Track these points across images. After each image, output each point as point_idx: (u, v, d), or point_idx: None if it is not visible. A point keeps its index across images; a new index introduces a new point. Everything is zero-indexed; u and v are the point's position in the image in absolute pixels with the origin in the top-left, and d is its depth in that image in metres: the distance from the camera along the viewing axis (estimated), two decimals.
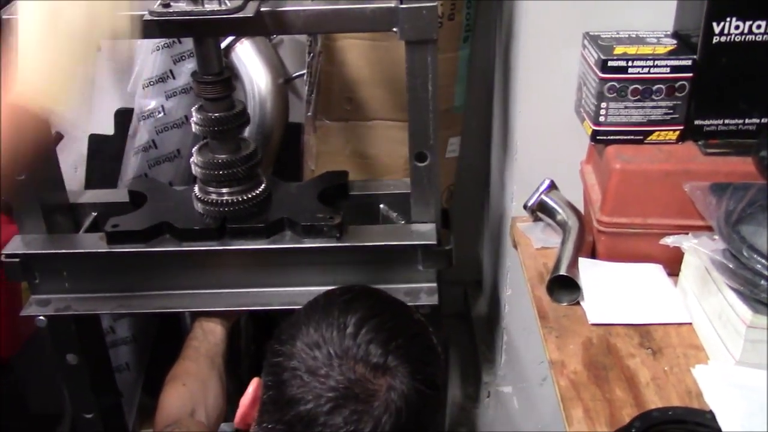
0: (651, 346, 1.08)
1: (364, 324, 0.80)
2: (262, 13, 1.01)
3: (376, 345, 0.79)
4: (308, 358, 0.79)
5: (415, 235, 1.17)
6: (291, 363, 0.80)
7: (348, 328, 0.80)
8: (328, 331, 0.80)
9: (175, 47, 1.54)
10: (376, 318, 0.82)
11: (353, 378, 0.77)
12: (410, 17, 1.00)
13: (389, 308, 0.87)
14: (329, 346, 0.79)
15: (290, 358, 0.80)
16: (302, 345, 0.80)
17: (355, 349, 0.79)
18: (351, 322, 0.81)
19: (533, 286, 1.23)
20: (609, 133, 1.20)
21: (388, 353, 0.79)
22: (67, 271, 1.21)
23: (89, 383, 1.34)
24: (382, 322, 0.82)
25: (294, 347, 0.81)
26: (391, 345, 0.79)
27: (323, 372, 0.78)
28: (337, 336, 0.80)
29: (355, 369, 0.78)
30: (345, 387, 0.77)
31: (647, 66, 1.15)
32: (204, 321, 1.26)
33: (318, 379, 0.78)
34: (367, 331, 0.80)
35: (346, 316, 0.81)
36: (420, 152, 1.11)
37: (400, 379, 0.78)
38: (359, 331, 0.80)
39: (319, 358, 0.79)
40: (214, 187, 1.18)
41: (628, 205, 1.17)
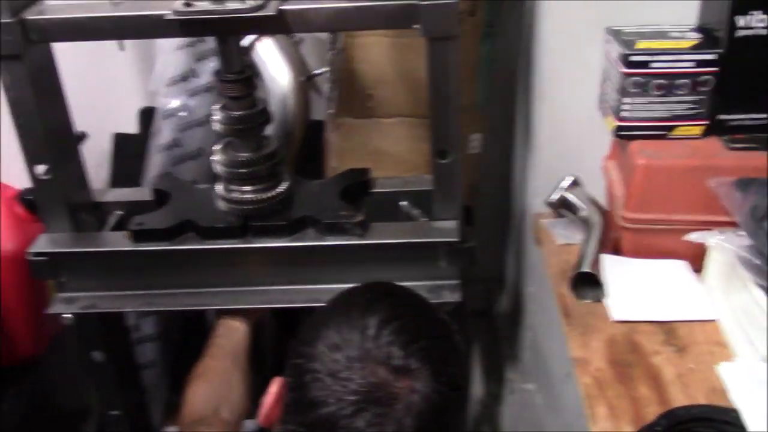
0: (676, 344, 1.07)
1: (385, 326, 0.79)
2: (283, 12, 1.01)
3: (397, 347, 0.78)
4: (329, 361, 0.78)
5: (438, 232, 1.16)
6: (312, 365, 0.79)
7: (369, 330, 0.79)
8: (349, 333, 0.79)
9: (198, 46, 1.55)
10: (398, 319, 0.80)
11: (375, 381, 0.76)
12: (432, 13, 1.00)
13: (411, 309, 0.86)
14: (350, 349, 0.78)
15: (311, 360, 0.79)
16: (323, 347, 0.80)
17: (376, 351, 0.78)
18: (372, 324, 0.79)
19: (556, 283, 1.22)
20: (632, 128, 1.19)
21: (410, 355, 0.78)
22: (93, 269, 1.22)
23: (115, 380, 1.36)
24: (403, 323, 0.80)
25: (315, 349, 0.80)
26: (412, 347, 0.78)
27: (344, 375, 0.77)
28: (358, 338, 0.79)
29: (377, 372, 0.77)
30: (366, 390, 0.76)
31: (671, 60, 1.14)
32: (227, 319, 1.26)
33: (339, 382, 0.77)
34: (389, 333, 0.79)
35: (367, 317, 0.80)
36: (442, 149, 1.11)
37: (422, 382, 0.77)
38: (380, 333, 0.79)
39: (341, 361, 0.78)
40: (237, 186, 1.19)
41: (652, 201, 1.16)
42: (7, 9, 1.03)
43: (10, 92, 1.10)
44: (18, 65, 1.07)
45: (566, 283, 1.19)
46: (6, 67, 1.08)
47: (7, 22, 1.03)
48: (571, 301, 1.17)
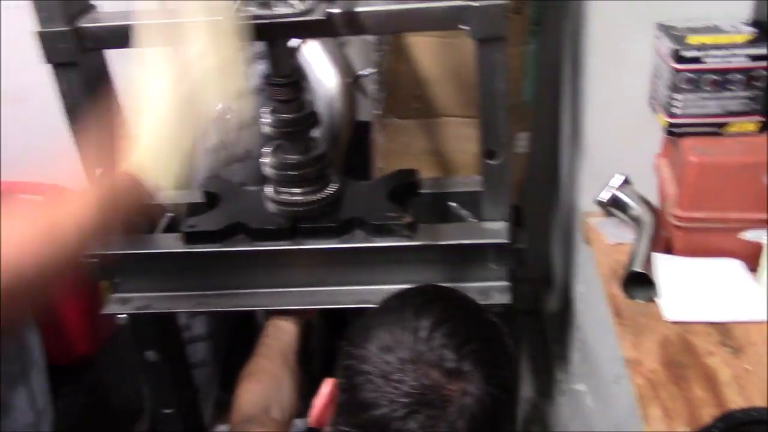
0: (731, 344, 1.05)
1: (437, 328, 0.79)
2: (331, 15, 1.02)
3: (449, 350, 0.78)
4: (381, 362, 0.78)
5: (487, 233, 1.16)
6: (364, 366, 0.79)
7: (421, 332, 0.79)
8: (401, 334, 0.79)
9: (247, 50, 1.56)
10: (450, 322, 0.80)
11: (427, 383, 0.76)
12: (480, 15, 0.99)
13: (463, 311, 0.86)
14: (402, 351, 0.78)
15: (363, 361, 0.80)
16: (375, 348, 0.80)
17: (428, 353, 0.78)
18: (424, 326, 0.79)
19: (607, 282, 1.21)
20: (684, 125, 1.17)
21: (462, 358, 0.78)
22: (146, 270, 1.24)
23: (168, 379, 1.38)
24: (455, 325, 0.80)
25: (367, 350, 0.80)
26: (464, 350, 0.78)
27: (396, 377, 0.77)
28: (410, 340, 0.79)
29: (429, 374, 0.77)
30: (419, 393, 0.76)
31: (724, 55, 1.11)
32: (277, 319, 1.28)
33: (391, 384, 0.77)
34: (441, 335, 0.79)
35: (419, 319, 0.80)
36: (490, 149, 1.10)
37: (475, 384, 0.77)
38: (432, 336, 0.79)
39: (392, 363, 0.78)
40: (286, 188, 1.20)
41: (706, 199, 1.14)
42: (62, 17, 1.06)
43: (66, 98, 1.13)
44: (73, 72, 1.10)
45: (617, 283, 1.17)
46: (61, 74, 1.11)
47: (63, 30, 1.06)
48: (622, 301, 1.16)
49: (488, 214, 1.17)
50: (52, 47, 1.07)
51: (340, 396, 0.83)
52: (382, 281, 1.18)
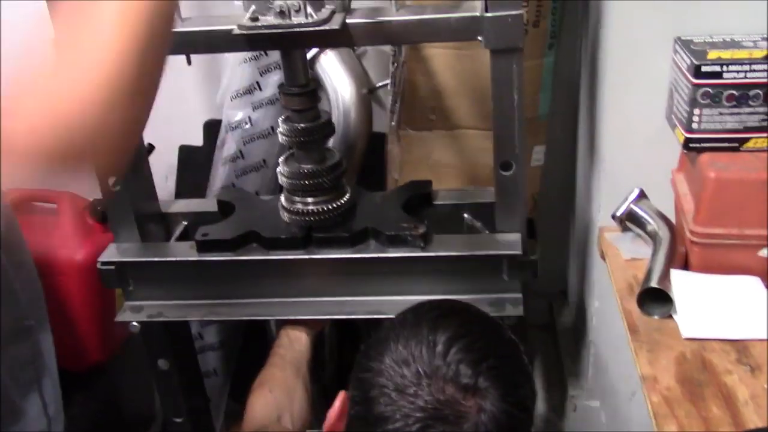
0: (749, 363, 1.04)
1: (454, 343, 0.78)
2: (347, 25, 1.02)
3: (466, 365, 0.77)
4: (396, 376, 0.78)
5: (501, 244, 1.15)
6: (379, 380, 0.79)
7: (437, 347, 0.78)
8: (417, 348, 0.79)
9: (262, 59, 1.57)
10: (467, 337, 0.80)
11: (443, 399, 0.76)
12: (495, 26, 0.99)
13: (480, 327, 0.85)
14: (418, 365, 0.78)
15: (378, 374, 0.79)
16: (390, 361, 0.79)
17: (444, 368, 0.77)
18: (441, 341, 0.79)
19: (623, 298, 1.19)
20: (702, 140, 1.16)
21: (479, 374, 0.77)
22: (159, 278, 1.25)
23: (179, 388, 1.38)
24: (472, 341, 0.80)
25: (382, 363, 0.80)
26: (481, 366, 0.77)
27: (412, 391, 0.76)
28: (426, 354, 0.78)
29: (445, 389, 0.76)
30: (434, 408, 0.75)
31: (743, 71, 1.10)
32: (290, 329, 1.28)
33: (406, 398, 0.76)
34: (458, 350, 0.78)
35: (436, 333, 0.80)
36: (505, 161, 1.10)
37: (491, 401, 0.76)
38: (449, 350, 0.78)
39: (408, 377, 0.77)
40: (300, 197, 1.20)
41: (724, 215, 1.13)
42: None
43: None
44: None
45: (633, 299, 1.16)
46: None
47: None
48: (638, 317, 1.14)
49: (502, 225, 1.17)
50: None
51: (354, 409, 0.83)
52: (395, 292, 1.18)
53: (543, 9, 1.45)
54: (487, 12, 0.99)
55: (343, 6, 1.04)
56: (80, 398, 1.72)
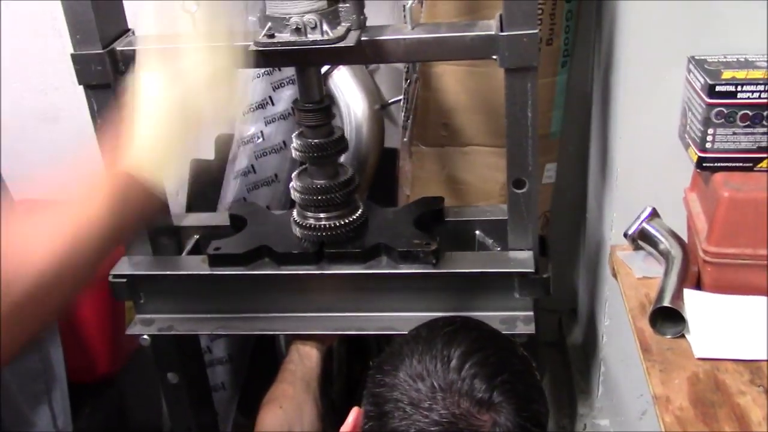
0: (763, 384, 1.03)
1: (468, 358, 0.79)
2: (362, 43, 1.03)
3: (480, 380, 0.78)
4: (411, 390, 0.78)
5: (513, 262, 1.15)
6: (393, 394, 0.79)
7: (452, 361, 0.79)
8: (432, 363, 0.79)
9: (275, 74, 1.58)
10: (481, 352, 0.80)
11: (457, 413, 0.76)
12: (511, 45, 0.99)
13: (493, 343, 0.86)
14: (433, 379, 0.78)
15: (392, 389, 0.80)
16: (405, 376, 0.80)
17: (459, 383, 0.78)
18: (455, 355, 0.79)
19: (635, 317, 1.19)
20: (716, 160, 1.16)
21: (494, 389, 0.77)
22: (171, 291, 1.25)
23: (187, 401, 1.38)
24: (486, 356, 0.80)
25: (396, 378, 0.80)
26: (496, 380, 0.78)
27: (426, 405, 0.77)
28: (441, 369, 0.79)
29: (460, 403, 0.77)
30: (449, 422, 0.76)
31: (758, 91, 1.10)
32: (300, 344, 1.27)
33: (421, 412, 0.77)
34: (472, 365, 0.79)
35: (450, 348, 0.80)
36: (518, 179, 1.10)
37: (506, 416, 0.77)
38: (463, 365, 0.79)
39: (423, 391, 0.78)
40: (313, 212, 1.20)
41: (737, 235, 1.13)
42: (97, 40, 1.08)
43: (98, 119, 1.14)
44: (106, 94, 1.11)
45: (646, 318, 1.15)
46: (95, 95, 1.12)
47: (98, 53, 1.08)
48: (650, 336, 1.14)
49: (514, 243, 1.16)
50: (87, 69, 1.09)
51: (368, 424, 0.83)
52: (406, 308, 1.18)
53: (556, 27, 1.45)
54: (502, 31, 0.99)
55: (359, 23, 1.04)
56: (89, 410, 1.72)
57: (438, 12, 1.39)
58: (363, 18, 1.06)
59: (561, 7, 1.44)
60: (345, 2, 1.03)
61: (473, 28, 1.03)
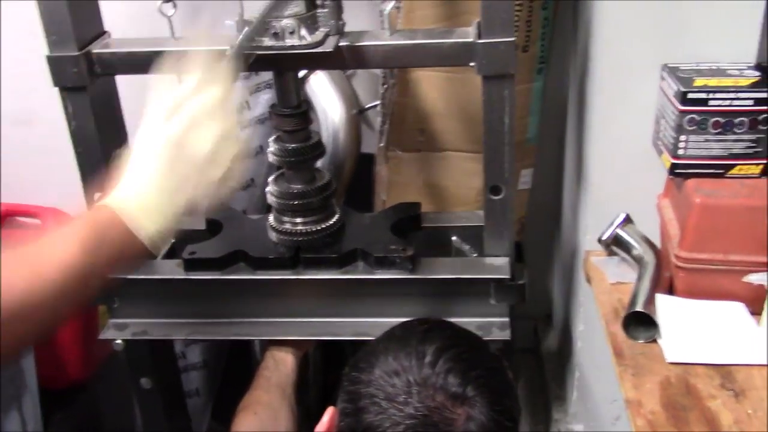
0: (733, 388, 1.04)
1: (442, 354, 0.81)
2: (341, 48, 1.03)
3: (454, 374, 0.79)
4: (387, 385, 0.80)
5: (489, 268, 1.16)
6: (369, 390, 0.80)
7: (427, 357, 0.80)
8: (407, 359, 0.81)
9: (252, 79, 1.58)
10: (454, 348, 0.82)
11: (432, 406, 0.77)
12: (488, 52, 1.00)
13: (466, 340, 0.88)
14: (408, 374, 0.80)
15: (368, 385, 0.81)
16: (381, 372, 0.81)
17: (434, 378, 0.79)
18: (429, 351, 0.81)
19: (608, 322, 1.20)
20: (688, 166, 1.17)
21: (468, 383, 0.79)
22: (145, 296, 1.24)
23: (161, 407, 1.37)
24: (460, 352, 0.82)
25: (372, 375, 0.81)
26: (470, 375, 0.80)
27: (402, 399, 0.78)
28: (416, 364, 0.80)
29: (435, 397, 0.78)
30: (424, 415, 0.77)
31: (729, 98, 1.12)
32: (275, 351, 1.27)
33: (396, 406, 0.78)
34: (446, 360, 0.80)
35: (425, 345, 0.82)
36: (495, 185, 1.11)
37: (479, 409, 0.78)
38: (438, 361, 0.80)
39: (398, 386, 0.79)
40: (289, 217, 1.20)
41: (709, 241, 1.14)
42: (73, 42, 1.07)
43: (73, 122, 1.13)
44: (82, 96, 1.11)
45: (618, 323, 1.16)
46: (70, 97, 1.11)
47: (74, 55, 1.07)
48: (623, 340, 1.15)
49: (490, 249, 1.17)
50: (62, 71, 1.08)
51: (343, 421, 0.83)
52: (382, 314, 1.18)
53: (532, 34, 1.47)
54: (480, 38, 1.00)
55: (337, 29, 1.04)
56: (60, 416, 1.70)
57: (416, 18, 1.39)
58: (341, 23, 1.06)
59: (537, 14, 1.46)
60: (323, 8, 1.04)
61: (451, 35, 1.04)
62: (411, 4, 1.38)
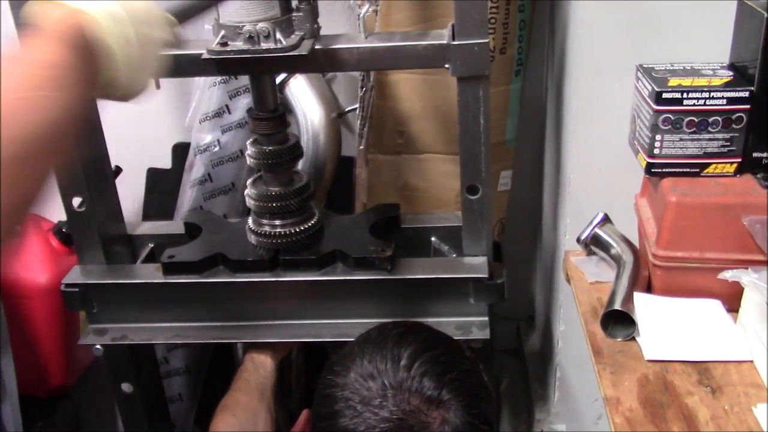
0: (710, 384, 1.05)
1: (418, 357, 0.81)
2: (316, 51, 1.03)
3: (430, 378, 0.79)
4: (362, 389, 0.80)
5: (467, 268, 1.16)
6: (344, 393, 0.80)
7: (402, 360, 0.81)
8: (383, 363, 0.81)
9: (231, 83, 1.58)
10: (430, 351, 0.82)
11: (407, 409, 0.78)
12: (462, 54, 1.01)
13: (442, 343, 0.88)
14: (383, 378, 0.80)
15: (343, 388, 0.81)
16: (356, 376, 0.81)
17: (409, 381, 0.79)
18: (405, 355, 0.81)
19: (587, 321, 1.21)
20: (664, 165, 1.18)
21: (443, 386, 0.79)
22: (124, 300, 1.24)
23: (143, 412, 1.36)
24: (435, 356, 0.82)
25: (347, 378, 0.82)
26: (445, 378, 0.80)
27: (377, 402, 0.78)
28: (391, 368, 0.80)
29: (410, 400, 0.78)
30: (399, 418, 0.77)
31: (703, 98, 1.13)
32: (254, 353, 1.27)
33: (371, 409, 0.78)
34: (421, 363, 0.80)
35: (401, 348, 0.82)
36: (472, 185, 1.11)
37: (454, 413, 0.79)
38: (413, 364, 0.80)
39: (374, 389, 0.79)
40: (268, 219, 1.20)
41: (685, 239, 1.15)
42: None
43: None
44: None
45: (597, 321, 1.17)
46: None
47: None
48: (602, 339, 1.15)
49: (469, 249, 1.18)
50: None
51: (318, 425, 0.83)
52: (362, 315, 1.18)
53: (510, 37, 1.47)
54: (454, 40, 1.01)
55: (312, 32, 1.05)
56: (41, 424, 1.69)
57: (392, 21, 1.40)
58: (317, 27, 1.07)
59: (514, 16, 1.46)
60: (298, 11, 1.04)
61: (425, 38, 1.04)
62: (387, 7, 1.39)
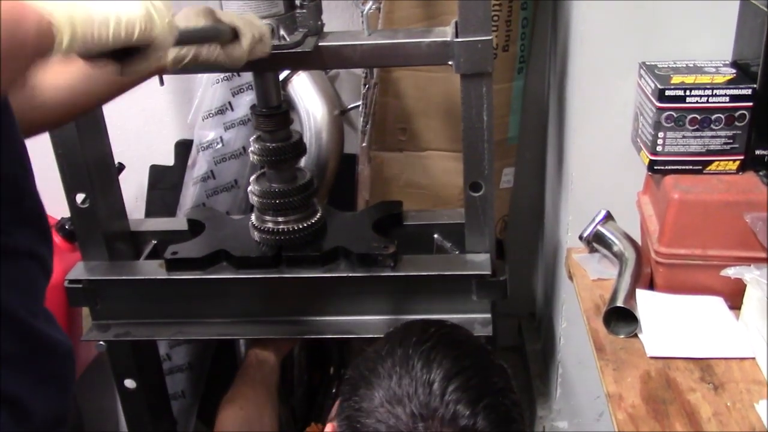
0: (712, 381, 1.05)
1: (450, 382, 0.75)
2: (319, 48, 1.04)
3: (464, 405, 0.74)
4: (390, 417, 0.74)
5: (470, 265, 1.16)
6: (369, 421, 0.75)
7: (434, 385, 0.75)
8: (411, 386, 0.75)
9: (234, 80, 1.58)
10: (462, 374, 0.76)
11: None
12: (465, 51, 1.01)
13: (472, 358, 0.81)
14: (413, 405, 0.74)
15: (369, 415, 0.76)
16: (382, 400, 0.76)
17: (442, 409, 0.74)
18: (436, 379, 0.75)
19: (589, 318, 1.21)
20: (667, 162, 1.18)
21: (477, 414, 0.74)
22: (127, 297, 1.24)
23: (146, 409, 1.37)
24: (468, 378, 0.77)
25: (373, 402, 0.76)
26: (479, 405, 0.75)
27: None
28: (422, 393, 0.75)
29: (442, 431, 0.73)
30: None
31: (705, 95, 1.13)
32: (258, 350, 1.27)
33: None
34: (454, 389, 0.75)
35: (431, 370, 0.76)
36: (475, 182, 1.11)
37: None
38: (446, 390, 0.75)
39: (403, 418, 0.74)
40: (271, 216, 1.20)
41: (687, 236, 1.15)
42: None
43: None
44: None
45: (600, 318, 1.17)
46: None
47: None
48: (604, 336, 1.16)
49: (471, 246, 1.18)
50: None
51: None
52: (364, 311, 1.18)
53: (512, 34, 1.47)
54: (457, 37, 1.01)
55: (316, 29, 1.05)
56: None
57: (395, 19, 1.40)
58: (320, 24, 1.07)
59: (517, 14, 1.47)
60: (302, 8, 1.04)
61: (429, 35, 1.05)
62: (390, 5, 1.39)
